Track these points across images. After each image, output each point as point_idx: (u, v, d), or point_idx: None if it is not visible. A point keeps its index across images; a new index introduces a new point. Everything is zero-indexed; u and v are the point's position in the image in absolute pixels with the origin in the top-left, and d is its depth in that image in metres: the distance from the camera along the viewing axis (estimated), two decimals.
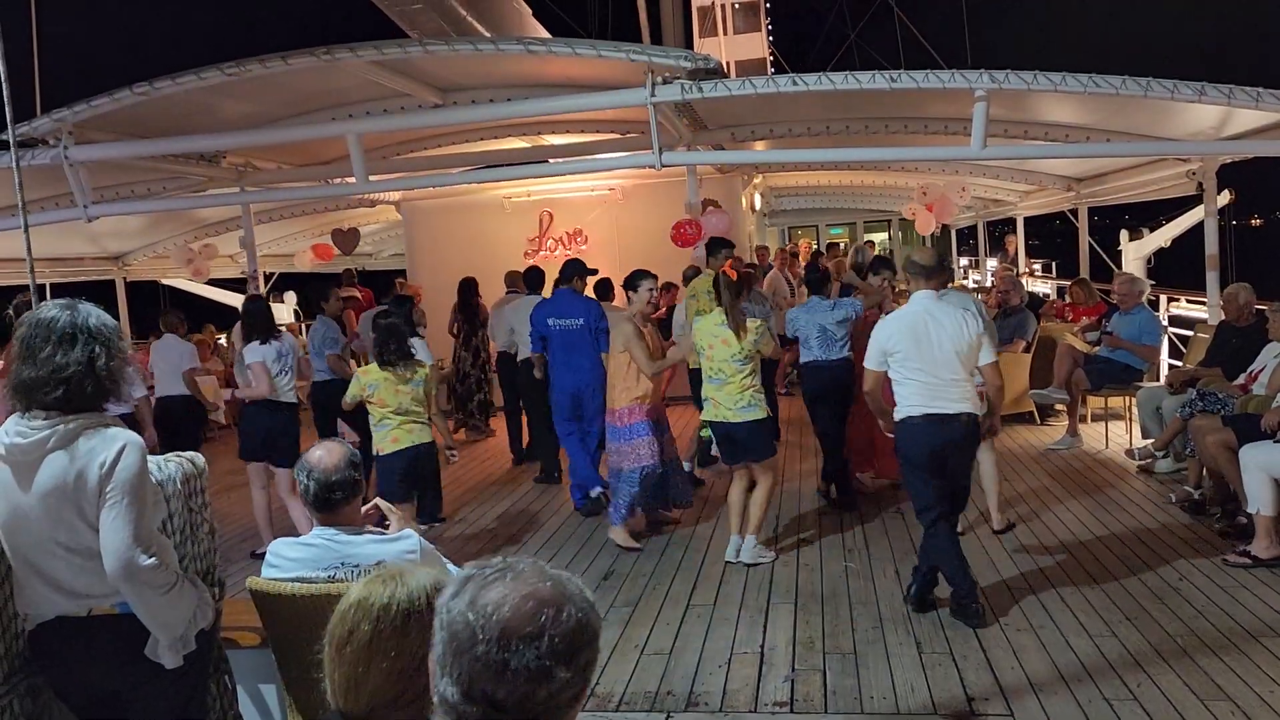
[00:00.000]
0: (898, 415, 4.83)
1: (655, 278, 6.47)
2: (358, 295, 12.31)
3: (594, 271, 7.92)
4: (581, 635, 1.25)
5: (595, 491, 7.04)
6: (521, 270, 9.21)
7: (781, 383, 11.40)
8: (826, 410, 6.75)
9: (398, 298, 9.00)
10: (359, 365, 7.18)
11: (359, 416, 6.46)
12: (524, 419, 8.91)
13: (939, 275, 4.88)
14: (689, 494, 6.78)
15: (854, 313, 6.70)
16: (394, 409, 5.77)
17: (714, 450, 7.14)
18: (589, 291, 7.75)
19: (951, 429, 4.68)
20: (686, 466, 7.49)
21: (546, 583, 1.26)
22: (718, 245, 7.34)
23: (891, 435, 4.95)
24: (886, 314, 5.27)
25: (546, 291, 8.24)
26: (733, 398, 5.68)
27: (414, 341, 6.64)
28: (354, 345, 9.09)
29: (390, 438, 5.79)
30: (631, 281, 6.41)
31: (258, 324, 6.48)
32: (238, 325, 7.88)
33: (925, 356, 4.68)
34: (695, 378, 7.16)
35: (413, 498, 6.00)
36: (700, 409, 6.53)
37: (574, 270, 7.39)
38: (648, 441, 6.30)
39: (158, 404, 7.45)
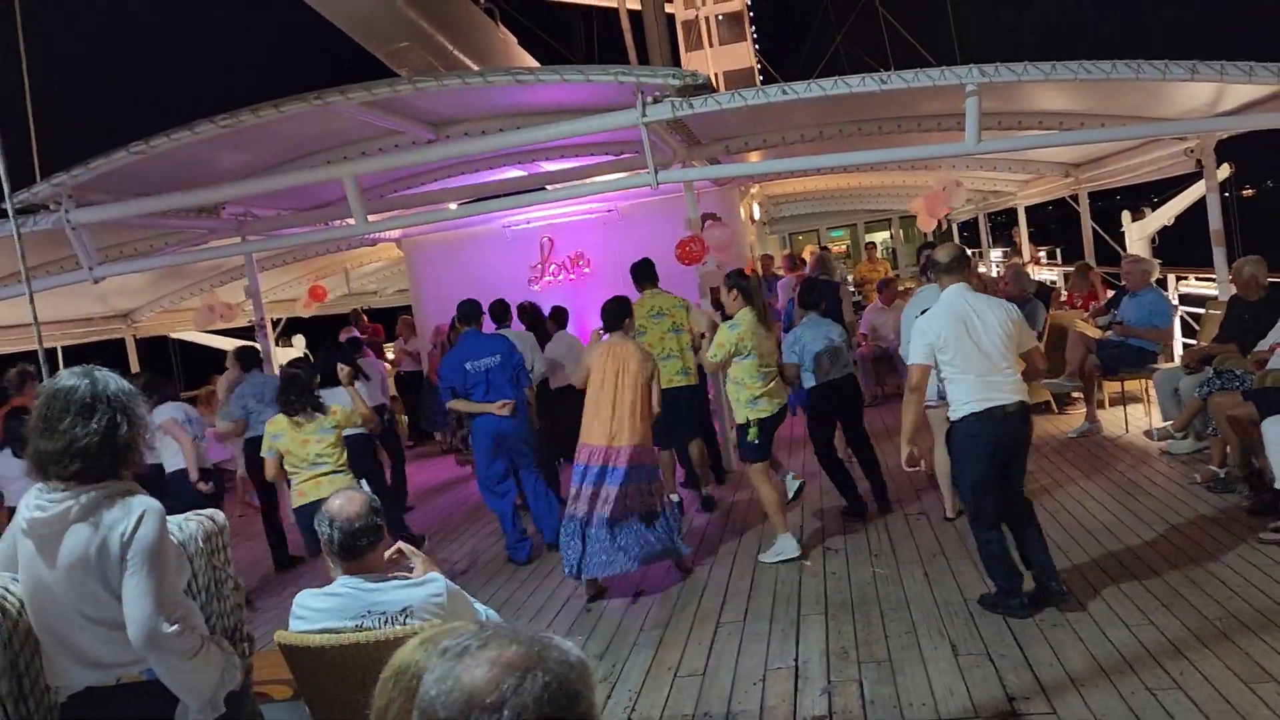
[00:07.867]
0: (953, 415, 4.72)
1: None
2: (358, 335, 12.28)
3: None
4: (555, 701, 1.14)
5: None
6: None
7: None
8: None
9: (351, 339, 8.92)
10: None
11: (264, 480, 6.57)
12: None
13: (962, 268, 4.85)
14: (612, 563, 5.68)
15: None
16: (300, 459, 5.63)
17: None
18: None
19: (1012, 422, 4.59)
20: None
21: (513, 647, 1.18)
22: (645, 275, 7.44)
23: (911, 468, 4.93)
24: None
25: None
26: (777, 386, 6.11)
27: (343, 390, 6.32)
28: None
29: (298, 491, 5.69)
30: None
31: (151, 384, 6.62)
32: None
33: (976, 348, 4.59)
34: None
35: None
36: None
37: (476, 310, 7.17)
38: (580, 489, 5.77)
39: None
